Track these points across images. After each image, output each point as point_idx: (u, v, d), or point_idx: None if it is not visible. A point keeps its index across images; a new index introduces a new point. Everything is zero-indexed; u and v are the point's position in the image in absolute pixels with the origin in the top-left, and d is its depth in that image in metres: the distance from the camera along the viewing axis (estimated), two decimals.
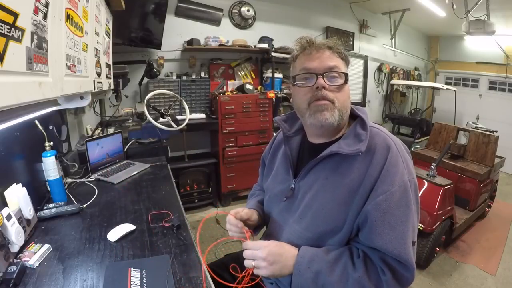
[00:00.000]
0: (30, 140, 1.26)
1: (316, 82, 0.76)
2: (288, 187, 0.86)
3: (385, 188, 0.70)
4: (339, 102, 0.76)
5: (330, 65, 0.77)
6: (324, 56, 0.77)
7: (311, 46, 0.79)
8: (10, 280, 0.77)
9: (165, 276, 0.83)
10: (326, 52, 0.78)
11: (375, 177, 0.71)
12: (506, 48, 4.63)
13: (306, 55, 0.80)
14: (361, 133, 0.75)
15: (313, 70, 0.77)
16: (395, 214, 0.69)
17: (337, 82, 0.77)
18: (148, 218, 1.14)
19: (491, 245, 2.59)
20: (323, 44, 0.79)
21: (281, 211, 0.88)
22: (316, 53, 0.78)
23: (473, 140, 2.86)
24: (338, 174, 0.75)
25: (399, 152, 0.74)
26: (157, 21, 2.89)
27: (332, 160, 0.77)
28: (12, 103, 0.55)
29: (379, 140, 0.75)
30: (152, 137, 2.38)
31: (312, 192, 0.78)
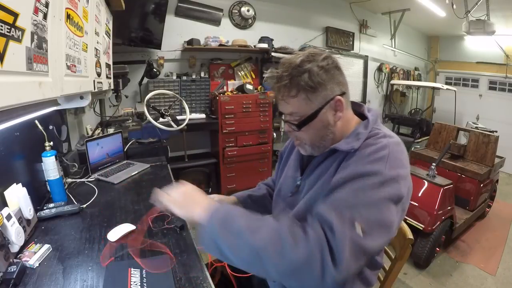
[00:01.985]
0: (30, 140, 1.26)
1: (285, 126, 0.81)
2: (295, 183, 0.87)
3: (350, 163, 0.68)
4: (306, 140, 0.78)
5: (286, 112, 0.76)
6: (283, 101, 0.75)
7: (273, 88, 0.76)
8: (10, 280, 0.77)
9: (165, 276, 0.83)
10: (284, 95, 0.73)
11: (352, 161, 0.69)
12: (506, 48, 4.63)
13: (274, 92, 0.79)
14: (361, 132, 0.74)
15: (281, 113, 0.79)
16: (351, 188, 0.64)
17: (289, 127, 0.78)
18: (149, 221, 1.14)
19: (491, 245, 2.59)
20: (279, 83, 0.72)
21: (286, 205, 0.89)
22: (277, 95, 0.75)
23: (473, 140, 2.86)
24: (334, 169, 0.75)
25: (392, 154, 0.68)
26: (157, 21, 2.89)
27: (333, 158, 0.77)
28: (12, 103, 0.55)
29: (375, 139, 0.72)
30: (152, 137, 2.37)
31: (315, 189, 0.79)
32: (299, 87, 0.71)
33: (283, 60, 0.75)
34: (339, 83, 0.74)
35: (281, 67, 0.74)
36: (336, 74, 0.73)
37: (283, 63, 0.74)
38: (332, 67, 0.72)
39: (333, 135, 0.77)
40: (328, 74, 0.71)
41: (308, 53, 0.73)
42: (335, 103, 0.74)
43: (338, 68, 0.74)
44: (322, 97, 0.72)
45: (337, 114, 0.75)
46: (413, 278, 2.13)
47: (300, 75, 0.70)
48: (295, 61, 0.71)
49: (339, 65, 0.75)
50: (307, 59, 0.71)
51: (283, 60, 0.75)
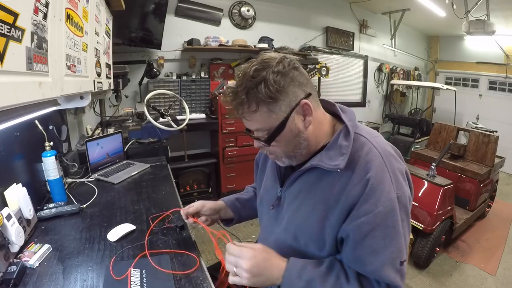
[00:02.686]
0: (30, 140, 1.26)
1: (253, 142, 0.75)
2: (275, 196, 0.83)
3: (367, 209, 0.64)
4: (280, 153, 0.73)
5: (251, 128, 0.71)
6: (244, 119, 0.69)
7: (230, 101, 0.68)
8: (10, 280, 0.77)
9: (165, 276, 0.83)
10: (244, 112, 0.67)
11: (355, 194, 0.65)
12: (506, 48, 4.63)
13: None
14: (343, 145, 0.68)
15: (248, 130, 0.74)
16: (378, 236, 0.64)
17: (258, 143, 0.73)
18: (149, 221, 1.14)
19: (491, 245, 2.59)
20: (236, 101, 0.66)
21: (269, 218, 0.87)
22: (236, 113, 0.69)
23: (473, 140, 2.86)
24: (319, 188, 0.71)
25: (386, 165, 0.66)
26: (157, 21, 2.90)
27: (314, 172, 0.72)
28: (12, 103, 0.55)
29: (363, 153, 0.68)
30: (152, 137, 2.37)
31: (296, 203, 0.76)
32: (258, 100, 0.64)
33: (237, 72, 0.72)
34: (301, 85, 0.67)
35: (236, 80, 0.68)
36: (296, 76, 0.66)
37: (237, 75, 0.68)
38: (290, 69, 0.65)
39: (308, 142, 0.71)
40: (286, 78, 0.64)
41: (261, 59, 0.66)
42: (302, 107, 0.67)
43: (297, 68, 0.67)
44: (286, 105, 0.65)
45: (307, 119, 0.69)
46: (413, 278, 2.13)
47: (256, 87, 0.63)
48: (248, 72, 0.64)
49: (297, 64, 0.67)
50: (260, 67, 0.64)
51: (237, 71, 0.72)
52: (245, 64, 0.70)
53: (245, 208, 1.06)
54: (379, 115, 5.34)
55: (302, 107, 0.67)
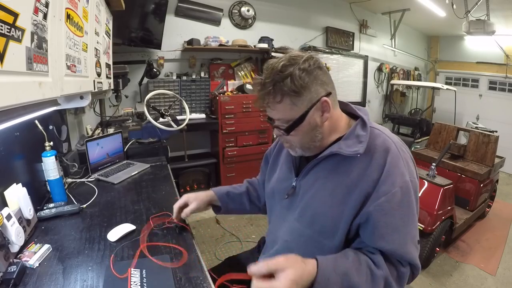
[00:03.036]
0: (30, 140, 1.26)
1: (273, 131, 0.81)
2: (290, 185, 0.87)
3: (386, 189, 0.69)
4: (296, 143, 0.79)
5: (273, 118, 0.77)
6: (269, 108, 0.75)
7: (259, 96, 0.75)
8: (10, 280, 0.77)
9: (165, 276, 0.83)
10: (269, 101, 0.73)
11: (374, 178, 0.71)
12: (506, 48, 4.63)
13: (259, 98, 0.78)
14: (361, 135, 0.75)
15: (269, 118, 0.80)
16: (397, 215, 0.70)
17: (278, 132, 0.78)
18: (150, 221, 1.13)
19: (491, 245, 2.59)
20: (263, 91, 0.72)
21: (282, 208, 0.90)
22: (262, 102, 0.75)
23: (473, 140, 2.86)
24: (337, 174, 0.76)
25: (400, 153, 0.74)
26: (157, 21, 2.90)
27: (332, 160, 0.77)
28: (12, 103, 0.55)
29: (379, 142, 0.75)
30: (152, 137, 2.37)
31: (313, 191, 0.79)
32: (283, 93, 0.70)
33: (266, 66, 0.75)
34: (323, 84, 0.73)
35: (264, 73, 0.73)
36: (319, 75, 0.72)
37: (265, 69, 0.74)
38: (314, 68, 0.71)
39: (322, 135, 0.78)
40: (310, 76, 0.71)
41: (289, 56, 0.72)
42: (321, 104, 0.73)
43: (321, 68, 0.74)
44: (308, 100, 0.72)
45: (324, 115, 0.75)
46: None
47: (283, 81, 0.69)
48: (276, 66, 0.71)
49: (321, 64, 0.74)
50: (288, 63, 0.70)
51: (266, 66, 0.75)
52: (273, 59, 0.75)
53: (234, 202, 1.10)
54: (379, 115, 5.34)
55: (321, 103, 0.73)
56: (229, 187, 1.13)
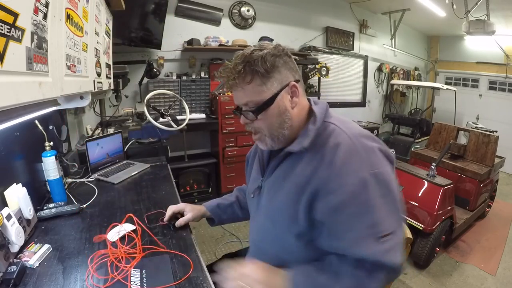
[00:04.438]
0: (30, 140, 1.26)
1: (240, 119, 0.79)
2: (257, 185, 0.89)
3: (334, 187, 0.67)
4: (265, 130, 0.77)
5: (242, 102, 0.76)
6: (236, 92, 0.76)
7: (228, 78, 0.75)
8: (10, 280, 0.77)
9: (165, 276, 0.83)
10: (239, 82, 0.73)
11: (324, 175, 0.69)
12: (506, 48, 4.63)
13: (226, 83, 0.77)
14: (310, 129, 0.75)
15: (236, 106, 0.80)
16: (349, 214, 0.66)
17: (248, 116, 0.76)
18: (145, 220, 1.14)
19: (491, 245, 2.59)
20: (233, 72, 0.73)
21: (252, 208, 0.93)
22: (232, 84, 0.75)
23: (473, 140, 2.86)
24: (293, 173, 0.76)
25: (356, 145, 0.69)
26: (157, 21, 2.90)
27: (291, 158, 0.78)
28: (12, 103, 0.55)
29: (332, 137, 0.73)
30: (152, 137, 2.38)
31: (273, 190, 0.81)
32: (253, 72, 0.71)
33: (236, 54, 0.75)
34: (292, 70, 0.76)
35: (234, 59, 0.74)
36: (288, 61, 0.75)
37: (236, 56, 0.75)
38: (284, 54, 0.74)
39: (291, 122, 0.76)
40: (280, 60, 0.73)
41: (258, 44, 0.76)
42: (290, 88, 0.75)
43: (289, 56, 0.76)
44: (278, 81, 0.73)
45: (294, 100, 0.76)
46: (413, 278, 2.13)
47: (254, 61, 0.71)
48: (247, 51, 0.73)
49: (289, 53, 0.76)
50: (258, 48, 0.73)
51: (236, 54, 0.75)
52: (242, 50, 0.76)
53: (226, 213, 1.14)
54: (379, 115, 5.34)
55: (290, 88, 0.75)
56: (219, 199, 1.16)
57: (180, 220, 1.07)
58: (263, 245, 0.87)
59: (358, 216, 0.66)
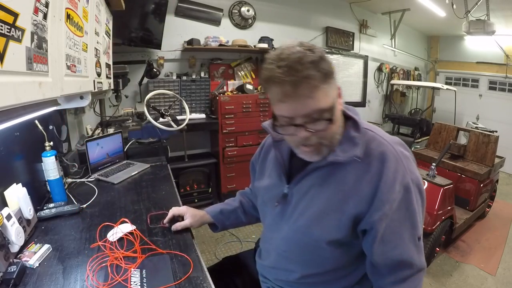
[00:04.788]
0: (30, 140, 1.26)
1: (298, 133, 0.65)
2: (281, 192, 0.82)
3: (388, 197, 0.67)
4: (327, 140, 0.69)
5: (312, 108, 0.62)
6: (303, 95, 0.61)
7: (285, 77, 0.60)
8: (10, 280, 0.77)
9: (165, 276, 0.83)
10: (304, 89, 0.60)
11: (373, 185, 0.68)
12: (506, 48, 4.62)
13: (279, 90, 0.62)
14: (355, 136, 0.71)
15: (293, 121, 0.65)
16: (396, 218, 0.68)
17: (321, 125, 0.64)
18: (147, 219, 1.14)
19: (491, 245, 2.59)
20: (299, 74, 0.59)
21: (274, 216, 0.86)
22: (292, 90, 0.60)
23: (473, 140, 2.86)
24: (333, 181, 0.72)
25: (398, 154, 0.70)
26: (157, 21, 2.89)
27: (326, 167, 0.73)
28: (12, 103, 0.55)
29: (374, 145, 0.71)
30: (152, 137, 2.38)
31: (307, 198, 0.76)
32: (321, 75, 0.61)
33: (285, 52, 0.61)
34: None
35: (287, 58, 0.60)
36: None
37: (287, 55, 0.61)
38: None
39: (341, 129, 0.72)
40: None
41: (299, 42, 0.64)
42: (339, 92, 0.69)
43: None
44: (335, 85, 0.66)
45: (340, 102, 0.70)
46: None
47: (318, 61, 0.60)
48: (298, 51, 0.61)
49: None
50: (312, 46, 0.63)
51: (279, 53, 0.62)
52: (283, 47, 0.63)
53: (229, 219, 1.10)
54: (379, 115, 5.34)
55: (339, 90, 0.69)
56: (222, 205, 1.12)
57: (177, 224, 1.05)
58: (291, 254, 0.82)
59: (404, 221, 0.69)
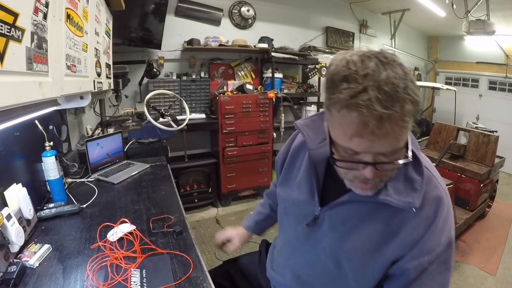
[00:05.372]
0: (30, 140, 1.26)
1: (364, 171, 0.54)
2: (311, 213, 0.72)
3: (431, 248, 0.60)
4: (388, 177, 0.59)
5: (392, 148, 0.51)
6: (388, 134, 0.48)
7: (378, 108, 0.46)
8: (10, 280, 0.77)
9: (165, 276, 0.83)
10: (394, 127, 0.47)
11: (420, 232, 0.60)
12: (506, 48, 4.62)
13: (361, 122, 0.48)
14: (415, 179, 0.59)
15: (360, 156, 0.53)
16: (434, 274, 0.62)
17: (393, 166, 0.54)
18: (150, 224, 1.13)
19: (491, 245, 2.59)
20: (396, 108, 0.46)
21: (298, 235, 0.77)
22: (378, 126, 0.47)
23: (473, 140, 2.86)
24: (377, 218, 0.63)
25: (449, 201, 0.63)
26: (157, 21, 2.89)
27: (377, 207, 0.63)
28: (12, 103, 0.55)
29: (430, 188, 0.61)
30: (152, 137, 2.38)
31: (343, 230, 0.67)
32: (414, 109, 0.49)
33: (380, 71, 0.48)
34: None
35: (386, 81, 0.47)
36: None
37: (386, 77, 0.47)
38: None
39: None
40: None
41: (376, 53, 0.51)
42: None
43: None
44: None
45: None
46: None
47: (416, 89, 0.49)
48: (403, 72, 0.49)
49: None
50: (399, 63, 0.51)
51: (381, 71, 0.48)
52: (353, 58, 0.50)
53: (266, 225, 1.11)
54: None
55: None
56: (255, 215, 1.11)
57: (230, 247, 1.07)
58: (312, 279, 0.76)
59: (437, 276, 0.63)
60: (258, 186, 3.27)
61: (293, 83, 3.72)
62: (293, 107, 3.80)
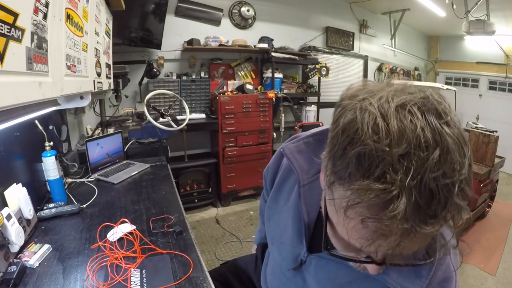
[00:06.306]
0: (30, 140, 1.26)
1: (367, 267, 0.43)
2: (297, 256, 0.62)
3: None
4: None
5: (408, 252, 0.37)
6: (407, 245, 0.35)
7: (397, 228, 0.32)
8: (10, 280, 0.77)
9: (165, 276, 0.83)
10: (422, 242, 0.37)
11: None
12: (506, 48, 4.62)
13: (373, 234, 0.35)
14: (423, 266, 0.45)
15: (371, 257, 0.41)
16: None
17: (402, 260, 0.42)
18: (150, 224, 1.14)
19: (491, 245, 2.59)
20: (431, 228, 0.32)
21: (284, 272, 0.68)
22: (398, 242, 0.34)
23: (473, 140, 2.86)
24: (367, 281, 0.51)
25: (458, 284, 0.51)
26: (157, 21, 2.89)
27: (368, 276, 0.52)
28: (12, 103, 0.55)
29: (439, 269, 0.48)
30: (152, 137, 2.38)
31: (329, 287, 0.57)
32: (455, 216, 0.34)
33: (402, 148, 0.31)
34: None
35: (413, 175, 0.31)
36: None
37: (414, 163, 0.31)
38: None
39: None
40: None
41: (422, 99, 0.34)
42: None
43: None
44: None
45: None
46: None
47: (465, 193, 0.33)
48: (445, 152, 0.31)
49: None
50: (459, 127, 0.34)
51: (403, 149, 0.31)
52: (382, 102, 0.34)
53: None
54: None
55: None
56: (258, 232, 1.01)
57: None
58: None
59: None
60: (258, 186, 3.27)
61: (293, 83, 3.72)
62: (293, 107, 3.80)
